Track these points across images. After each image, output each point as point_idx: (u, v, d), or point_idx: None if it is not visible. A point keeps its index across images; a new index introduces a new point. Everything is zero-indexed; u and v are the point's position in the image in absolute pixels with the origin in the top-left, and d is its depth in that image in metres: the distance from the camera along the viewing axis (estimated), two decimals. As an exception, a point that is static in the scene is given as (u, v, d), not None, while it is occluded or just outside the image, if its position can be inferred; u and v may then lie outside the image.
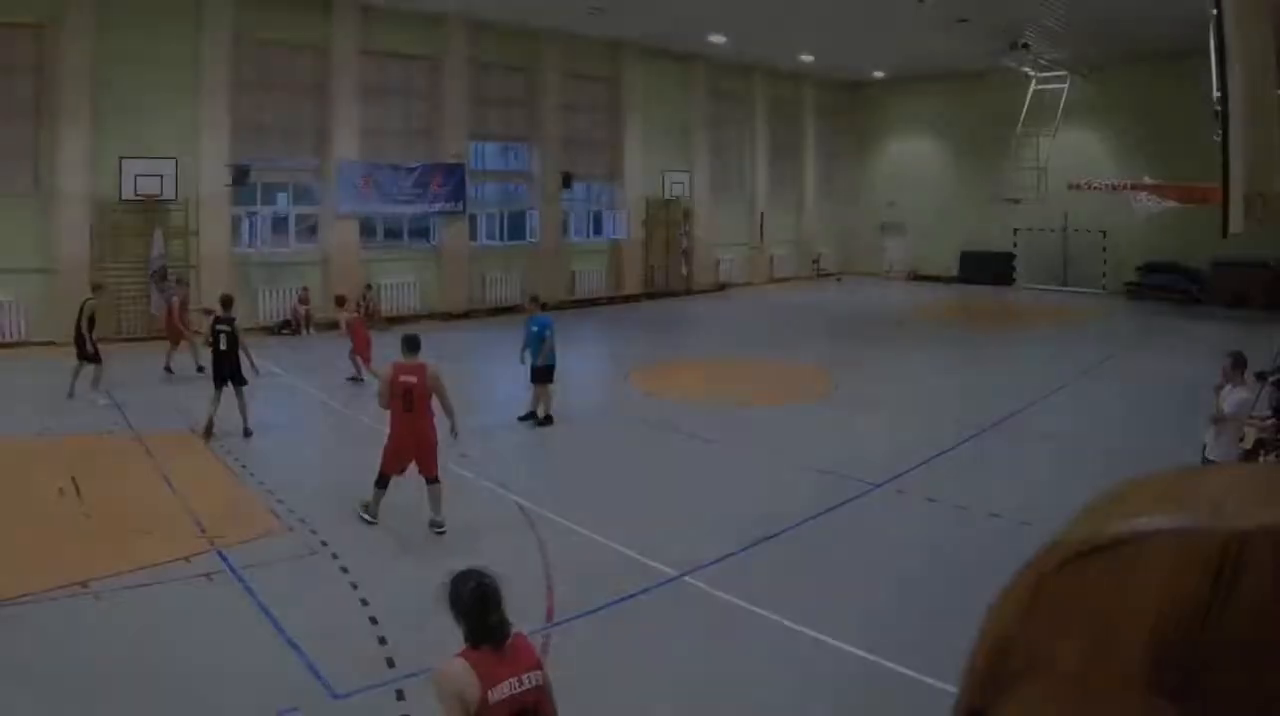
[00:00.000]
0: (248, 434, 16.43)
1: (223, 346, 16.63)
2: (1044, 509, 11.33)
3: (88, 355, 18.89)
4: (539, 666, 5.08)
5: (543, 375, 17.67)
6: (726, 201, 44.06)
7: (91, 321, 19.16)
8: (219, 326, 16.80)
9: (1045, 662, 1.60)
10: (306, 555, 11.01)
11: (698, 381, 22.36)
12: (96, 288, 20.58)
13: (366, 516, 12.08)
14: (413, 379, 11.89)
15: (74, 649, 8.54)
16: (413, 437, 11.97)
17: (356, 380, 21.41)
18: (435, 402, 11.96)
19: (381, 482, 12.01)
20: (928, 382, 22.13)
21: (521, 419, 17.72)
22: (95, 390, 18.85)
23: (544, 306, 18.79)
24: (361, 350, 21.63)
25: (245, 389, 16.66)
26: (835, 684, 8.24)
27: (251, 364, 17.08)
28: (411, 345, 12.22)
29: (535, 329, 17.68)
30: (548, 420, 17.65)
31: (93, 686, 7.98)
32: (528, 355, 17.92)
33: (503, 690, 4.72)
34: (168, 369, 22.27)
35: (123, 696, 7.85)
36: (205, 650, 8.58)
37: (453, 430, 12.19)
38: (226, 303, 17.36)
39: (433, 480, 11.99)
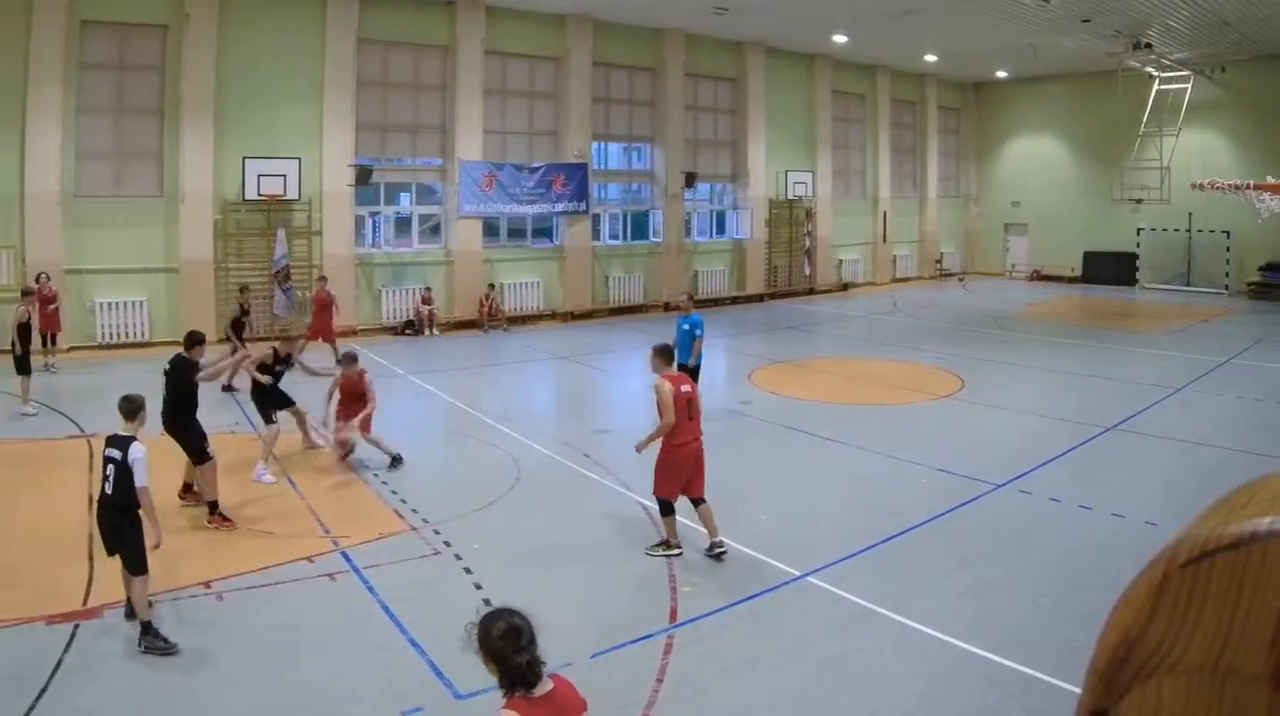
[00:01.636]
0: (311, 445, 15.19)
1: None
2: (1167, 509, 11.47)
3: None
4: (585, 710, 4.66)
5: (692, 375, 15.91)
6: (849, 201, 41.37)
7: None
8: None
9: (1169, 661, 1.60)
10: (430, 555, 10.51)
11: (821, 381, 21.09)
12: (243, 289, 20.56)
13: (671, 551, 10.51)
14: (689, 388, 10.75)
15: (197, 649, 8.20)
16: (695, 452, 10.59)
17: None
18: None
19: (670, 509, 10.56)
20: (1050, 383, 20.99)
21: None
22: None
23: (665, 305, 17.07)
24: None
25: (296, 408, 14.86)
26: (958, 683, 7.81)
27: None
28: (667, 356, 10.96)
29: (686, 327, 16.44)
30: None
31: (216, 687, 7.69)
32: (677, 354, 16.21)
33: None
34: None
35: (246, 697, 7.52)
36: (328, 651, 8.30)
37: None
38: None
39: (702, 500, 10.59)
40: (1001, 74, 44.00)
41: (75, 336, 22.51)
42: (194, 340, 12.24)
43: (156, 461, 9.46)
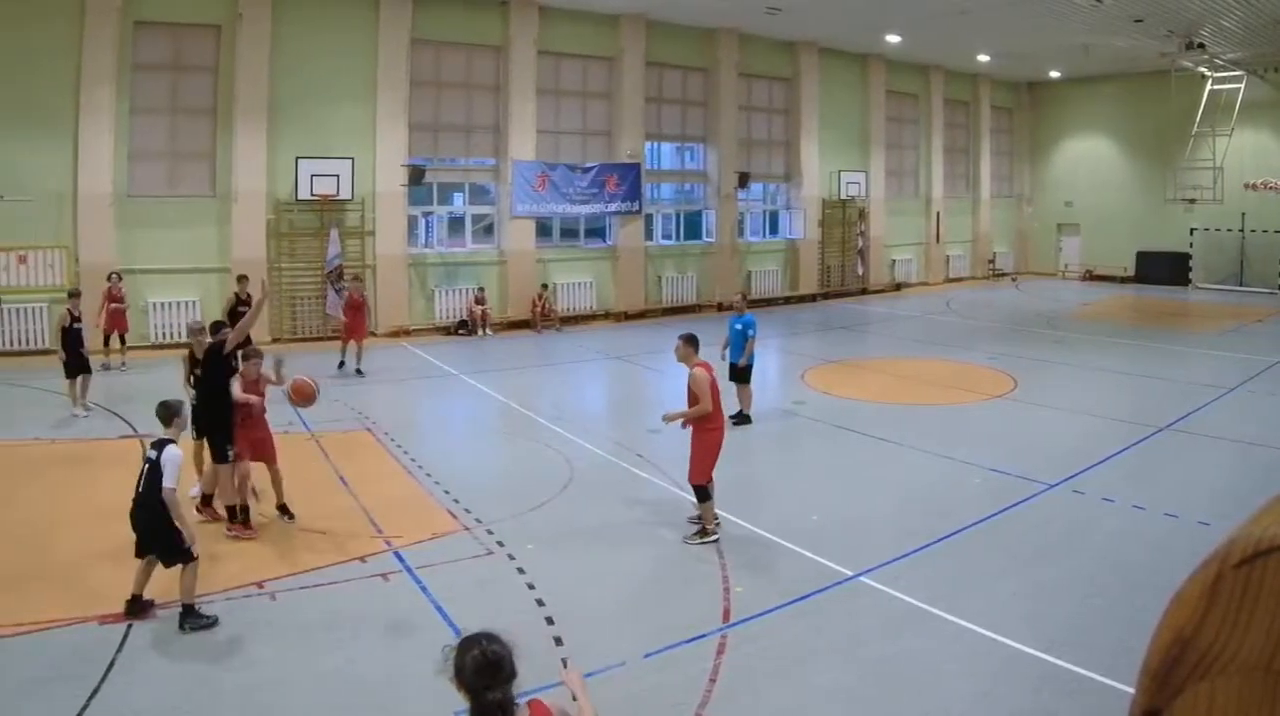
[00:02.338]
0: None
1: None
2: (1220, 509, 11.31)
3: None
4: None
5: (744, 374, 16.16)
6: (902, 201, 39.77)
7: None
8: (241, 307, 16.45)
9: (1222, 661, 1.58)
10: (483, 555, 10.18)
11: (874, 381, 20.46)
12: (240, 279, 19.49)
13: (709, 538, 10.54)
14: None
15: (250, 650, 8.02)
16: (722, 438, 10.85)
17: None
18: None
19: (708, 494, 10.65)
20: (1103, 383, 20.45)
21: (732, 418, 15.23)
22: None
23: (719, 306, 16.46)
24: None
25: None
26: (1011, 683, 7.60)
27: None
28: (696, 344, 11.22)
29: (739, 327, 16.10)
30: (747, 419, 16.06)
31: (269, 686, 7.48)
32: (728, 353, 16.27)
33: None
34: (359, 370, 20.37)
35: (299, 697, 7.35)
36: (381, 651, 8.10)
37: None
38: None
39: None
40: (1055, 74, 42.18)
41: (130, 336, 21.50)
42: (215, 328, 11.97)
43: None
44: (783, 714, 7.13)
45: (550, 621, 8.49)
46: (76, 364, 16.48)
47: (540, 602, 8.93)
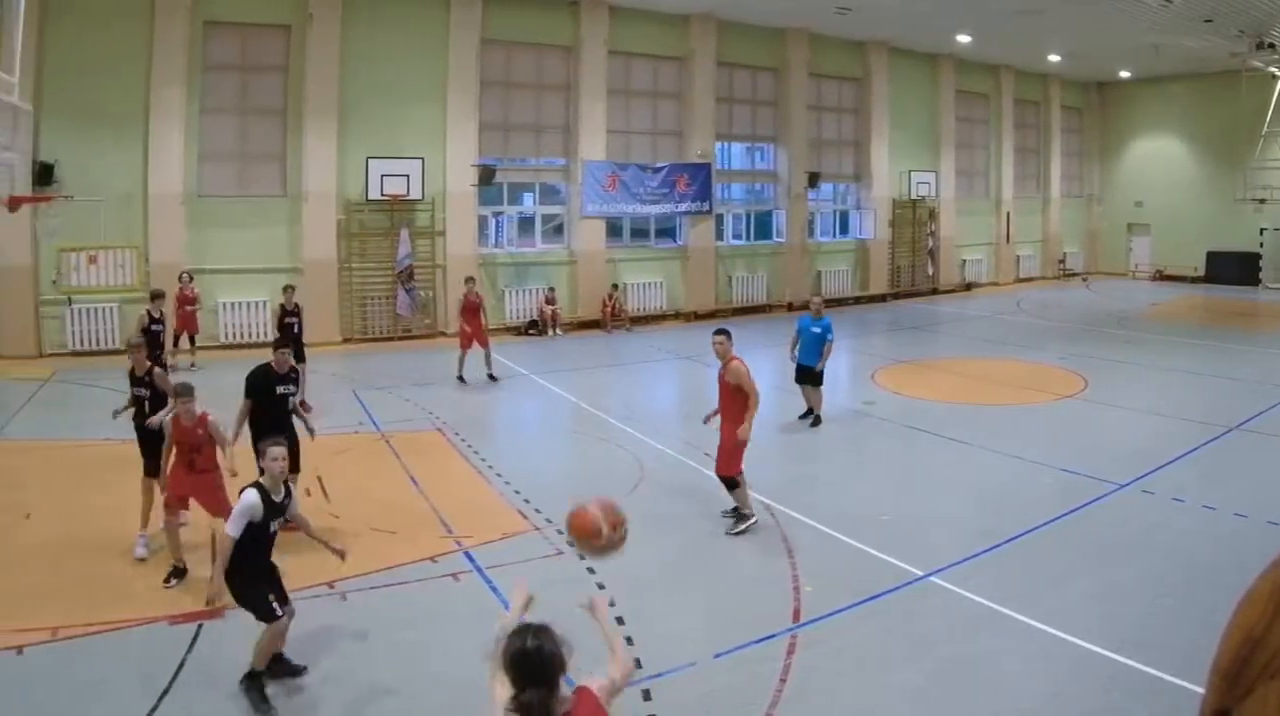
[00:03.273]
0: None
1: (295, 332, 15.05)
2: None
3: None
4: None
5: (817, 377, 15.17)
6: (972, 201, 37.36)
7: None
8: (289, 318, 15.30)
9: None
10: (553, 555, 9.66)
11: (944, 380, 19.35)
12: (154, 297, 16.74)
13: (750, 522, 10.33)
14: None
15: (321, 649, 7.57)
16: None
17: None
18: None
19: (738, 482, 10.34)
20: (1173, 383, 19.32)
21: (802, 418, 15.33)
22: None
23: (789, 305, 15.30)
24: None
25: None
26: (1081, 683, 7.07)
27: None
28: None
29: (817, 330, 15.09)
30: (818, 420, 15.21)
31: (338, 687, 7.08)
32: (797, 353, 15.30)
33: None
34: (491, 376, 18.78)
35: (369, 697, 6.92)
36: (451, 651, 7.55)
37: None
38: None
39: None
40: (1125, 74, 39.53)
41: (199, 336, 20.33)
42: (273, 346, 10.52)
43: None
44: (853, 714, 6.78)
45: (621, 621, 7.82)
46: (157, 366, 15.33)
47: (611, 603, 7.99)
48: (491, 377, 18.64)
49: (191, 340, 19.33)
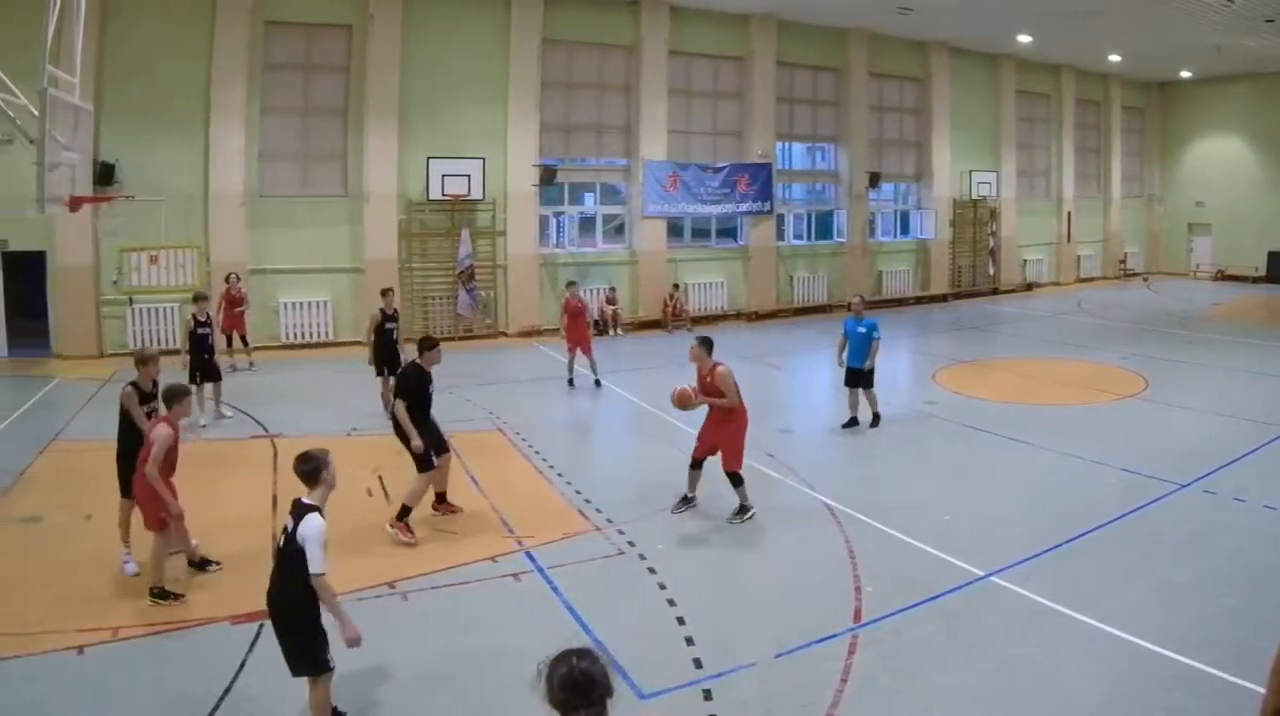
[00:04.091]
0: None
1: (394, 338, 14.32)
2: None
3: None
4: None
5: (866, 379, 13.97)
6: (1033, 201, 35.11)
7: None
8: (389, 324, 14.29)
9: None
10: (614, 555, 9.20)
11: (1004, 380, 18.40)
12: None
13: (749, 515, 10.09)
14: None
15: (381, 649, 6.86)
16: None
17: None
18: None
19: (742, 478, 10.14)
20: (1235, 383, 18.26)
21: (845, 427, 14.16)
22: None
23: (848, 306, 14.95)
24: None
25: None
26: (1141, 683, 6.70)
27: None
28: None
29: (863, 330, 13.93)
30: (876, 419, 14.21)
31: (400, 688, 6.63)
32: (845, 357, 14.10)
33: None
34: (597, 382, 17.45)
35: (431, 698, 6.54)
36: (511, 651, 6.88)
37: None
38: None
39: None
40: (1186, 74, 37.03)
41: (259, 336, 18.93)
42: (426, 345, 10.01)
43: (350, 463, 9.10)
44: (913, 714, 6.42)
45: (681, 621, 7.66)
46: (205, 371, 13.97)
47: (671, 602, 8.05)
48: (597, 383, 17.32)
49: (244, 341, 18.03)
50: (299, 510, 5.70)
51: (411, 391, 9.73)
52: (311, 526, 5.57)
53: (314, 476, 5.81)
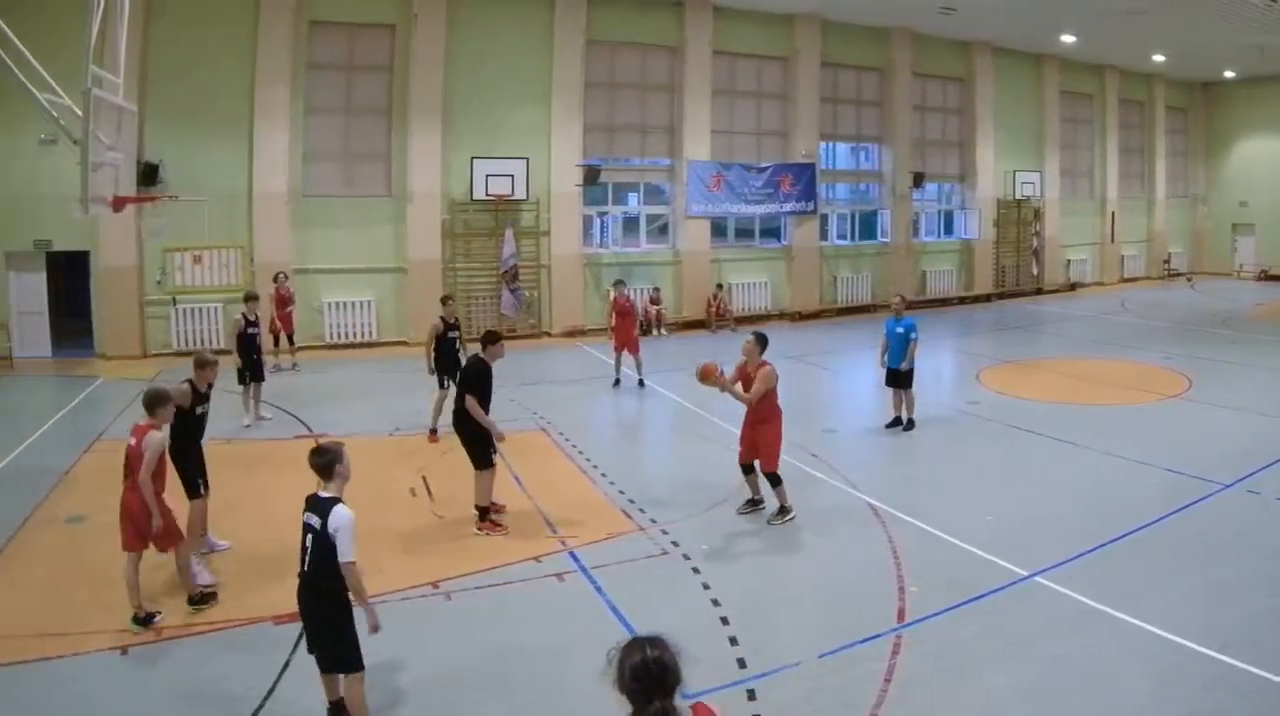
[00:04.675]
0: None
1: (456, 347, 13.20)
2: None
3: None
4: None
5: (905, 379, 13.27)
6: (1076, 201, 33.54)
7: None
8: (450, 333, 13.22)
9: None
10: (657, 555, 8.82)
11: (1048, 380, 17.65)
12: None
13: (790, 517, 9.63)
14: None
15: (425, 649, 6.81)
16: None
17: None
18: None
19: (780, 478, 9.67)
20: (1278, 382, 17.29)
21: (889, 427, 13.47)
22: None
23: (890, 306, 14.14)
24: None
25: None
26: (1185, 683, 6.40)
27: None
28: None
29: (900, 330, 13.30)
30: (910, 424, 13.43)
31: (444, 688, 6.38)
32: (886, 358, 13.45)
33: None
34: (641, 382, 16.61)
35: (475, 696, 6.29)
36: (555, 650, 6.84)
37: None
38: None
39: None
40: (1229, 74, 35.21)
41: (303, 336, 18.03)
42: (490, 339, 9.79)
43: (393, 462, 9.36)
44: (957, 714, 6.12)
45: (725, 621, 7.37)
46: (252, 371, 13.28)
47: (715, 602, 7.75)
48: (641, 383, 16.40)
49: (290, 340, 17.19)
50: (321, 505, 5.51)
51: (477, 386, 9.43)
52: (342, 517, 5.42)
53: (329, 469, 5.66)
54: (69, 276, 18.63)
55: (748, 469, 9.77)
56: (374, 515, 9.68)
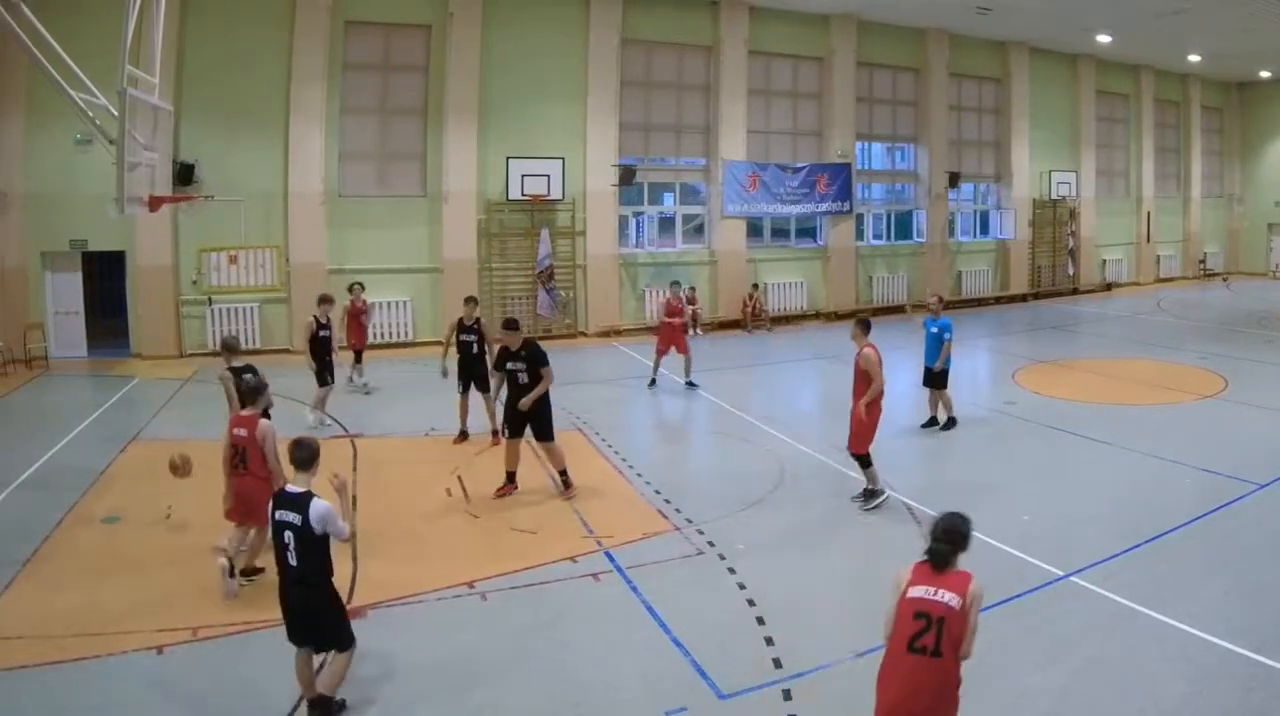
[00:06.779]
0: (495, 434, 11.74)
1: (473, 352, 12.10)
2: None
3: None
4: (962, 595, 4.49)
5: (939, 379, 12.74)
6: (1112, 201, 31.90)
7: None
8: (465, 335, 12.15)
9: None
10: (693, 555, 8.41)
11: (1084, 380, 16.86)
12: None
13: (880, 500, 9.54)
14: None
15: (462, 649, 6.59)
16: None
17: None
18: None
19: (869, 460, 9.55)
20: None
21: (924, 427, 12.91)
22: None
23: (928, 306, 13.61)
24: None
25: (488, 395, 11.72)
26: (1221, 683, 6.13)
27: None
28: (869, 326, 9.75)
29: (934, 330, 12.81)
30: (950, 423, 12.86)
31: (480, 687, 6.14)
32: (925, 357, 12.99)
33: (916, 591, 4.51)
34: (690, 383, 15.63)
35: (510, 697, 6.04)
36: (591, 650, 6.63)
37: None
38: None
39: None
40: (1265, 74, 33.34)
41: (338, 335, 18.02)
42: (509, 326, 10.06)
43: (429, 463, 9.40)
44: (990, 712, 5.72)
45: (761, 621, 7.02)
46: (329, 372, 12.58)
47: (751, 602, 7.36)
48: (690, 384, 15.44)
49: (358, 355, 15.57)
50: (296, 501, 5.44)
51: (546, 364, 9.73)
52: (322, 509, 5.43)
53: (310, 462, 5.63)
54: (105, 276, 17.90)
55: (861, 461, 9.59)
56: (409, 515, 9.40)
